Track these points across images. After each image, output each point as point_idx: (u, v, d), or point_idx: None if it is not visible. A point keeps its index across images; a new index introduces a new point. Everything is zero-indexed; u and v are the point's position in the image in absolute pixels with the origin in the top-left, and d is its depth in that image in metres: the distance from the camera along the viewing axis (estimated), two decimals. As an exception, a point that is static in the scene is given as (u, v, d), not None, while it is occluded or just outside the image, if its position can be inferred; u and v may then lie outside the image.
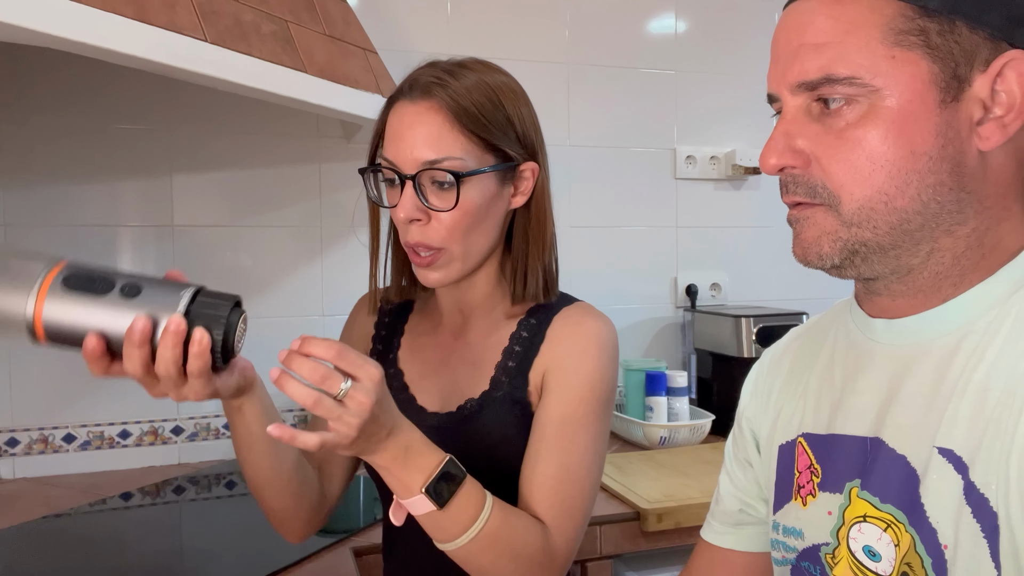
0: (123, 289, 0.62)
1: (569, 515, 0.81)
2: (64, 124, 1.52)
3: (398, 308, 0.98)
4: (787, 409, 0.71)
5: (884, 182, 0.55)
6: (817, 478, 0.64)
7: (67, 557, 1.15)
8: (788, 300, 2.01)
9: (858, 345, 0.65)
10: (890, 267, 0.58)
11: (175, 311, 0.62)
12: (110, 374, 0.66)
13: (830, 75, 0.55)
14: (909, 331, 0.60)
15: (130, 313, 0.61)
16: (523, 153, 0.85)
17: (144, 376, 0.64)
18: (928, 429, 0.56)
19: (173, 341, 0.61)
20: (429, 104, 0.80)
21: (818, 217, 0.59)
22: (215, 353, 0.63)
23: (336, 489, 0.95)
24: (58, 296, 0.61)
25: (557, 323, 0.88)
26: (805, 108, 0.58)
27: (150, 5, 0.96)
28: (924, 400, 0.57)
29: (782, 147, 0.58)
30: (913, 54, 0.54)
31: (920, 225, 0.56)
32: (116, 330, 0.62)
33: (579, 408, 0.84)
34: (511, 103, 0.84)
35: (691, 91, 1.97)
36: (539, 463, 0.82)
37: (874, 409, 0.61)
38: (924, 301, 0.59)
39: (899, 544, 0.56)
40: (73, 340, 0.63)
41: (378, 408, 0.67)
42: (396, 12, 1.74)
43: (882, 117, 0.54)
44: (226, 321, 0.63)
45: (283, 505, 0.86)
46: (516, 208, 0.88)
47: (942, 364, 0.57)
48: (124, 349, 0.62)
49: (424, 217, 0.81)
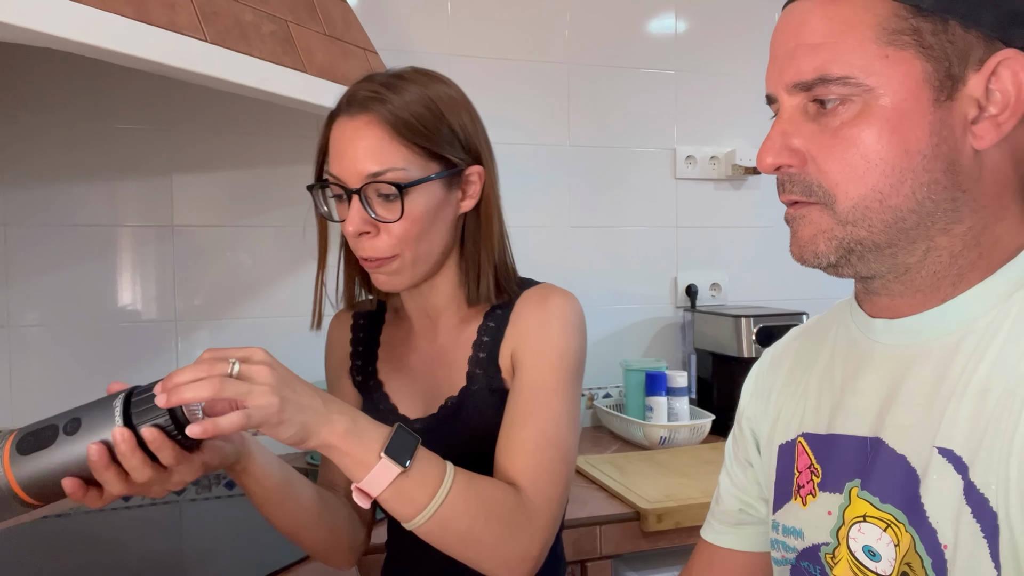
0: (66, 429, 0.66)
1: (548, 477, 0.80)
2: (64, 124, 1.52)
3: (371, 322, 0.99)
4: (787, 409, 0.71)
5: (878, 180, 0.55)
6: (817, 478, 0.65)
7: (67, 557, 1.15)
8: (788, 300, 2.01)
9: (858, 345, 0.65)
10: (887, 266, 0.59)
11: (115, 424, 0.64)
12: (105, 501, 0.68)
13: (824, 75, 0.56)
14: (909, 331, 0.60)
15: (82, 446, 0.64)
16: (467, 158, 0.86)
17: (132, 487, 0.66)
18: (928, 429, 0.56)
19: (127, 449, 0.63)
20: (368, 118, 0.80)
21: (814, 215, 0.59)
22: (175, 439, 0.65)
23: (368, 511, 0.95)
24: (20, 463, 0.65)
25: (519, 305, 0.89)
26: (802, 108, 0.59)
27: (150, 5, 0.96)
28: (924, 400, 0.57)
29: (779, 146, 0.59)
30: (907, 53, 0.54)
31: (915, 223, 0.56)
32: (81, 465, 0.65)
33: (550, 377, 0.84)
34: (450, 110, 0.84)
35: (691, 91, 1.97)
36: (514, 428, 0.82)
37: (874, 409, 0.61)
38: (923, 301, 0.59)
39: (899, 544, 0.56)
40: (56, 491, 0.66)
41: (285, 372, 0.68)
42: (396, 12, 1.74)
43: (876, 116, 0.55)
44: (167, 408, 0.65)
45: (320, 541, 0.87)
46: (467, 212, 0.89)
47: (942, 364, 0.57)
48: (96, 477, 0.65)
49: (373, 229, 0.82)
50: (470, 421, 0.87)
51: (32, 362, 1.52)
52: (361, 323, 0.99)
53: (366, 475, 0.70)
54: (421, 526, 0.73)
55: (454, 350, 0.91)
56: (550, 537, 0.80)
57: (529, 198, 1.85)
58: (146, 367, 1.58)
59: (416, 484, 0.72)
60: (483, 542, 0.75)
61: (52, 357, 1.53)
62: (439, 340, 0.93)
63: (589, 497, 1.35)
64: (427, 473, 0.72)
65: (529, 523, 0.78)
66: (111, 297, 1.57)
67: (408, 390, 0.93)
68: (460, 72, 1.79)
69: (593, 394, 1.89)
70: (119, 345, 1.57)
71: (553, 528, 0.81)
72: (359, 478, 0.71)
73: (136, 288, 1.59)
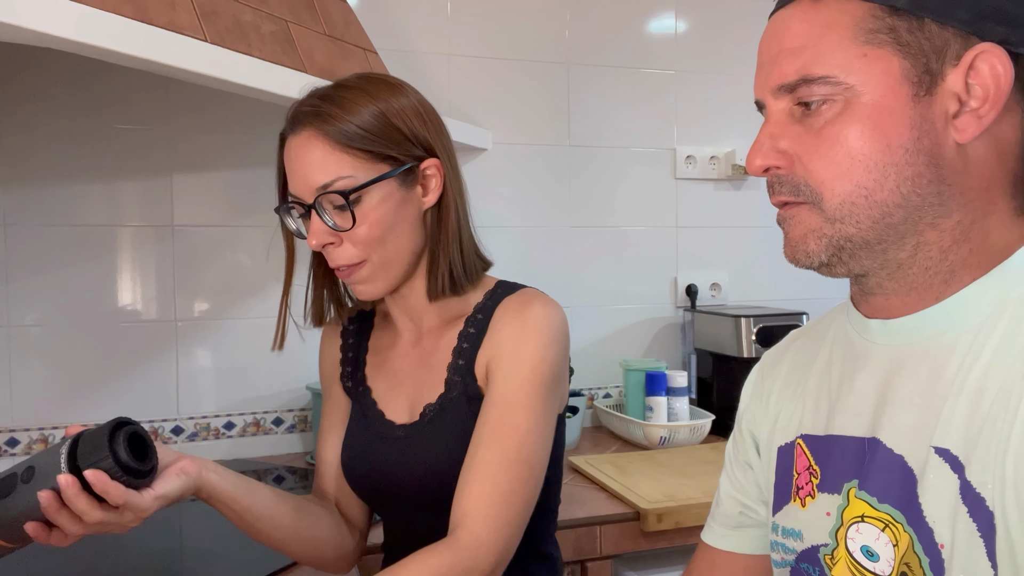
0: (22, 477, 0.69)
1: (504, 499, 0.80)
2: (64, 124, 1.52)
3: (360, 328, 1.00)
4: (786, 411, 0.72)
5: (863, 176, 0.56)
6: (816, 479, 0.65)
7: (67, 557, 1.15)
8: (788, 300, 2.01)
9: (855, 346, 0.65)
10: (878, 262, 0.59)
11: (60, 471, 0.67)
12: (70, 540, 0.72)
13: (806, 75, 0.57)
14: (904, 330, 0.60)
15: (35, 493, 0.68)
16: (418, 153, 0.86)
17: (89, 528, 0.69)
18: (925, 429, 0.56)
19: (72, 493, 0.66)
20: (308, 133, 0.82)
21: (803, 215, 0.60)
22: (120, 479, 0.68)
23: (359, 516, 0.98)
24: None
25: (498, 312, 0.89)
26: (788, 111, 0.60)
27: (150, 5, 0.96)
28: (921, 400, 0.57)
29: (767, 149, 0.60)
30: (884, 51, 0.55)
31: (903, 218, 0.57)
32: (38, 510, 0.68)
33: (520, 390, 0.84)
34: (393, 110, 0.84)
35: (691, 91, 1.97)
36: (479, 448, 0.82)
37: (871, 409, 0.61)
38: (917, 299, 0.59)
39: (897, 544, 0.56)
40: (22, 535, 0.70)
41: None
42: (396, 12, 1.74)
43: (858, 114, 0.56)
44: (109, 450, 0.67)
45: (304, 552, 0.90)
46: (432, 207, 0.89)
47: (938, 363, 0.57)
48: (52, 520, 0.68)
49: (335, 239, 0.83)
50: (447, 429, 0.87)
51: (32, 362, 1.52)
52: (351, 329, 1.00)
53: None
54: None
55: (436, 355, 0.91)
56: (500, 557, 0.80)
57: (529, 198, 1.85)
58: (146, 367, 1.58)
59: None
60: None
61: (52, 357, 1.53)
62: (423, 344, 0.93)
63: (589, 497, 1.35)
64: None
65: (471, 559, 0.77)
66: (111, 297, 1.57)
67: (394, 395, 0.94)
68: (460, 72, 1.80)
69: (593, 394, 1.89)
70: (119, 345, 1.57)
71: (504, 547, 0.80)
72: None
73: (136, 288, 1.59)
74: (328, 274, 0.94)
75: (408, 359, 0.94)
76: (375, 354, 0.98)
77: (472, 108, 1.79)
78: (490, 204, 1.79)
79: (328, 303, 0.96)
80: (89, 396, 1.55)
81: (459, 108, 1.77)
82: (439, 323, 0.92)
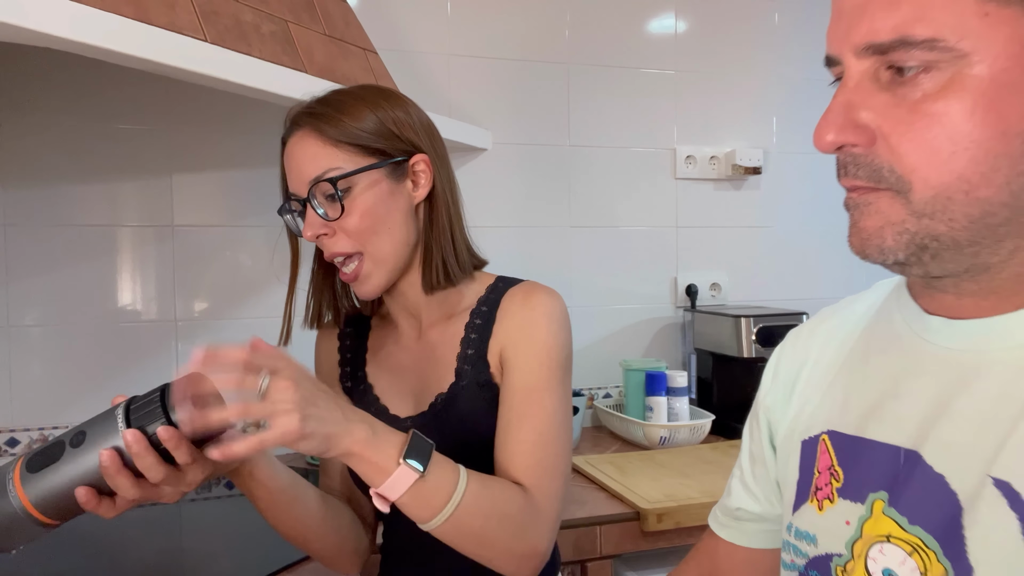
0: (72, 442, 0.67)
1: (549, 474, 0.83)
2: (64, 124, 1.52)
3: (357, 330, 1.01)
4: (812, 401, 0.64)
5: (967, 167, 0.46)
6: (837, 482, 0.58)
7: (67, 557, 1.15)
8: (788, 300, 2.01)
9: (904, 342, 0.56)
10: (964, 265, 0.50)
11: (118, 431, 0.66)
12: (119, 510, 0.69)
13: (906, 36, 0.45)
14: (973, 335, 0.51)
15: (92, 455, 0.66)
16: (406, 148, 0.88)
17: (144, 492, 0.68)
18: (981, 453, 0.48)
19: (140, 448, 0.65)
20: (302, 132, 0.86)
21: (882, 204, 0.49)
22: (186, 436, 0.67)
23: (369, 513, 0.98)
24: (31, 482, 0.67)
25: (505, 302, 0.91)
26: (872, 74, 0.48)
27: (150, 5, 0.96)
28: (980, 418, 0.49)
29: (842, 121, 0.49)
30: (1011, 11, 0.44)
31: (1006, 219, 0.47)
32: (92, 474, 0.66)
33: (540, 375, 0.86)
34: (380, 107, 0.88)
35: (691, 91, 1.97)
36: (511, 431, 0.84)
37: (917, 418, 0.53)
38: (996, 304, 0.50)
39: (926, 573, 0.49)
40: (70, 505, 0.67)
41: (310, 386, 0.68)
42: (396, 12, 1.74)
43: (969, 88, 0.45)
44: (163, 409, 0.66)
45: (327, 546, 0.90)
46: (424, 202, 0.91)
47: (1009, 379, 0.48)
48: (109, 482, 0.66)
49: (328, 230, 0.86)
50: (460, 415, 0.89)
51: (32, 362, 1.52)
52: (348, 331, 1.01)
53: (385, 481, 0.72)
54: (438, 527, 0.75)
55: (441, 347, 0.93)
56: (555, 532, 0.83)
57: (529, 198, 1.85)
58: (146, 367, 1.58)
59: (433, 488, 0.74)
60: (495, 540, 0.77)
61: (52, 357, 1.53)
62: (426, 338, 0.94)
63: (589, 497, 1.35)
64: (443, 477, 0.74)
65: (536, 520, 0.80)
66: (111, 297, 1.57)
67: (397, 389, 0.95)
68: (460, 72, 1.80)
69: (593, 394, 1.89)
70: (119, 345, 1.57)
71: (557, 523, 0.83)
72: (378, 484, 0.72)
73: (136, 288, 1.59)
74: (328, 277, 0.97)
75: (411, 354, 0.95)
76: (375, 353, 0.99)
77: (472, 108, 1.79)
78: (490, 204, 1.79)
79: (327, 306, 0.98)
80: (89, 396, 1.55)
81: (459, 108, 1.77)
82: (440, 317, 0.94)
